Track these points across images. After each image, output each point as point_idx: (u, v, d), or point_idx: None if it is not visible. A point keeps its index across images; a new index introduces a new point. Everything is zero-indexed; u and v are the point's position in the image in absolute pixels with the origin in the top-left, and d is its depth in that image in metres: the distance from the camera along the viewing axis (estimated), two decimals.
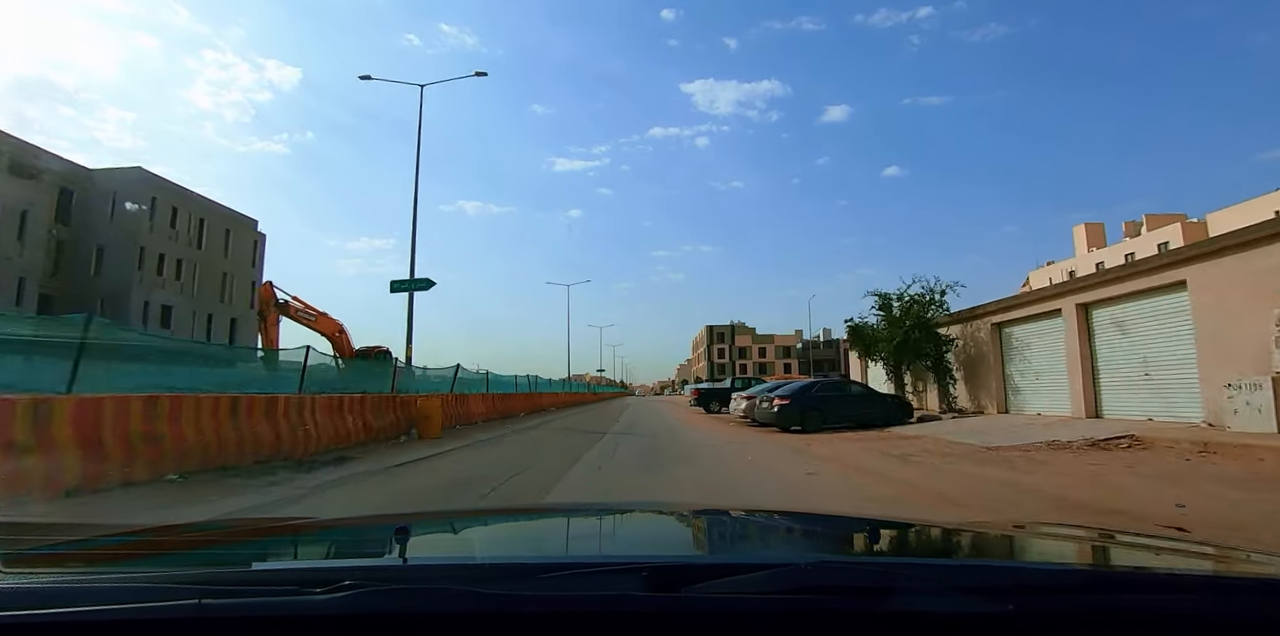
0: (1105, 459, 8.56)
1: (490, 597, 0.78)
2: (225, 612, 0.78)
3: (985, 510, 5.66)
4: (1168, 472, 7.33)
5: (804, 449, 10.98)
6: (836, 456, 9.88)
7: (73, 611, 0.76)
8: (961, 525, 1.67)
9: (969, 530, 1.60)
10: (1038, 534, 1.62)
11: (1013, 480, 7.18)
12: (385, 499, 6.84)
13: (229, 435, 8.07)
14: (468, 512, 2.97)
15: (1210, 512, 5.20)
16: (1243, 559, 1.19)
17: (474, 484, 7.57)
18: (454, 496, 6.96)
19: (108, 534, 1.62)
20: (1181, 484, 6.51)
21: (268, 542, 1.52)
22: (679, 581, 0.82)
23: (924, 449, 10.47)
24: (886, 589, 0.81)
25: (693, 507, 2.38)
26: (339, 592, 0.77)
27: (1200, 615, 0.80)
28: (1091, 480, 7.02)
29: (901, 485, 7.11)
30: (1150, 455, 8.75)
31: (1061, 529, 1.64)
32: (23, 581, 0.89)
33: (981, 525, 1.87)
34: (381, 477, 8.09)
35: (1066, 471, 7.69)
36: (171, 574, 0.99)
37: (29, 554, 1.17)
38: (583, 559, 1.11)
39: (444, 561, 1.16)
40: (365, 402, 11.95)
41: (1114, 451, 9.20)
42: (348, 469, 8.57)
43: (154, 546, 1.43)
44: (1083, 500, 5.92)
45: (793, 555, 1.27)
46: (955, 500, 6.22)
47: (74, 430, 6.07)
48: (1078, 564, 1.25)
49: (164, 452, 7.00)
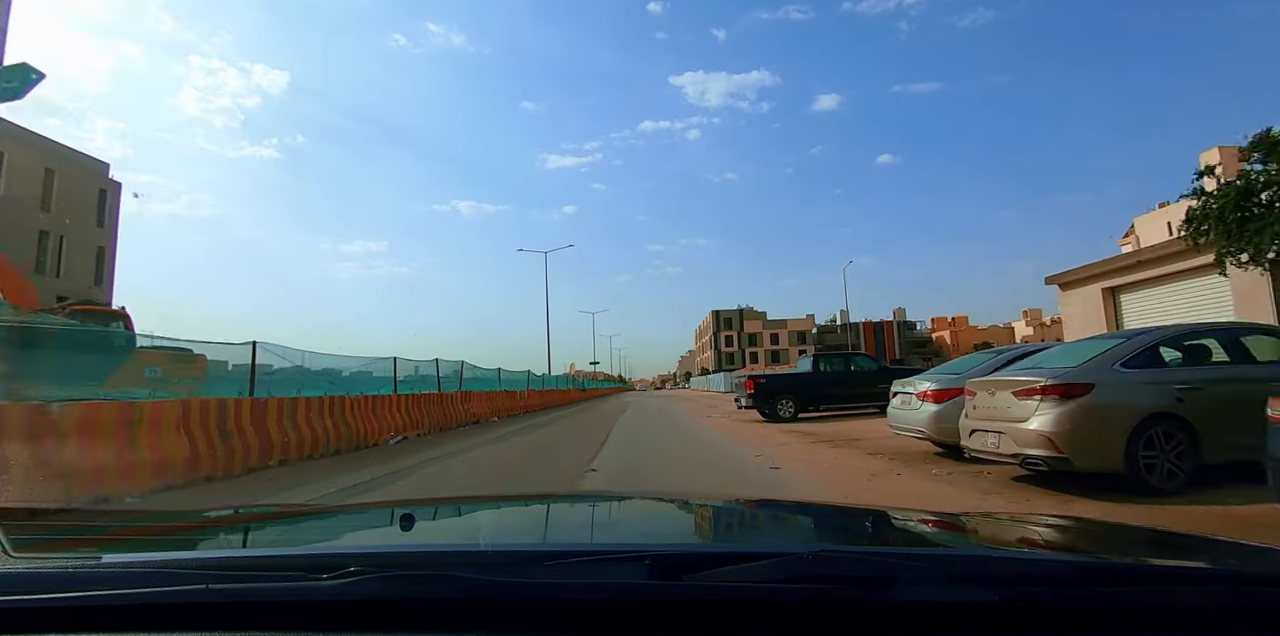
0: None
1: (494, 584, 0.80)
2: (232, 597, 0.79)
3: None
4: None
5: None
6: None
7: (81, 595, 0.78)
8: (963, 515, 1.61)
9: (970, 520, 1.58)
10: (1039, 524, 1.58)
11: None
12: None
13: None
14: (473, 499, 2.91)
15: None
16: (1241, 551, 1.18)
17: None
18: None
19: (115, 519, 1.72)
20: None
21: (274, 528, 1.54)
22: (681, 569, 0.82)
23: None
24: (888, 578, 0.81)
25: (695, 497, 2.45)
26: (344, 578, 0.78)
27: (1198, 606, 0.80)
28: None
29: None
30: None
31: (1063, 520, 1.56)
32: (32, 565, 0.90)
33: (983, 515, 1.88)
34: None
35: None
36: (179, 559, 1.00)
37: (38, 539, 1.17)
38: (586, 547, 1.12)
39: (448, 548, 1.16)
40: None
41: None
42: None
43: (161, 531, 1.45)
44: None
45: (794, 544, 1.28)
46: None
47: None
48: (1078, 555, 1.22)
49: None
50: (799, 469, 7.27)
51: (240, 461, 7.62)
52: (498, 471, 8.42)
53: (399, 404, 12.45)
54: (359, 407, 10.74)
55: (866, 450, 8.43)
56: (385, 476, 7.51)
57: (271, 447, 8.25)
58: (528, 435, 13.56)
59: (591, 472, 7.38)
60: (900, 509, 1.76)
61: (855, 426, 11.83)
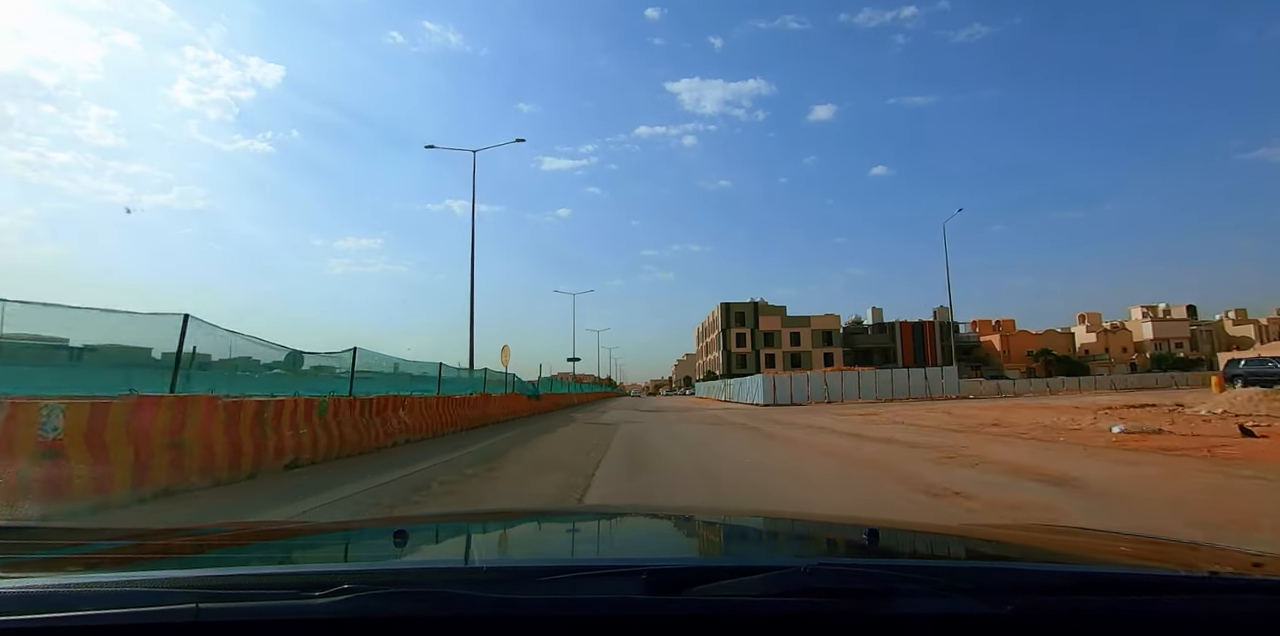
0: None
1: (489, 601, 0.79)
2: (223, 617, 0.78)
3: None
4: None
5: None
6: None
7: (69, 616, 0.77)
8: (959, 527, 1.64)
9: (967, 532, 1.58)
10: (1036, 535, 1.59)
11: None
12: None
13: None
14: (467, 516, 2.89)
15: None
16: (1241, 558, 1.19)
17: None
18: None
19: (104, 538, 1.64)
20: None
21: (265, 546, 1.52)
22: (678, 584, 0.81)
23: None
24: (886, 591, 0.81)
25: (692, 511, 2.54)
26: (337, 596, 0.77)
27: (1198, 615, 0.80)
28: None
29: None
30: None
31: (1059, 530, 1.58)
32: (18, 585, 0.87)
33: (979, 526, 1.88)
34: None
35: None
36: (169, 578, 0.97)
37: (25, 559, 1.17)
38: (582, 562, 1.10)
39: (443, 565, 1.16)
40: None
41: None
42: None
43: (151, 550, 1.43)
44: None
45: (792, 558, 1.27)
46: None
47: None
48: (1076, 565, 1.21)
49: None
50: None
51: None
52: None
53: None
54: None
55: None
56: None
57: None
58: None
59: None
60: (897, 521, 1.71)
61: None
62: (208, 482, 6.72)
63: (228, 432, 7.17)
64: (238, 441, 7.25)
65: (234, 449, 7.17)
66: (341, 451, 9.56)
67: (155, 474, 6.13)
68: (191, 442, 6.61)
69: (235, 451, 7.18)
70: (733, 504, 6.08)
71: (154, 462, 6.13)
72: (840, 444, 11.06)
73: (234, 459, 7.15)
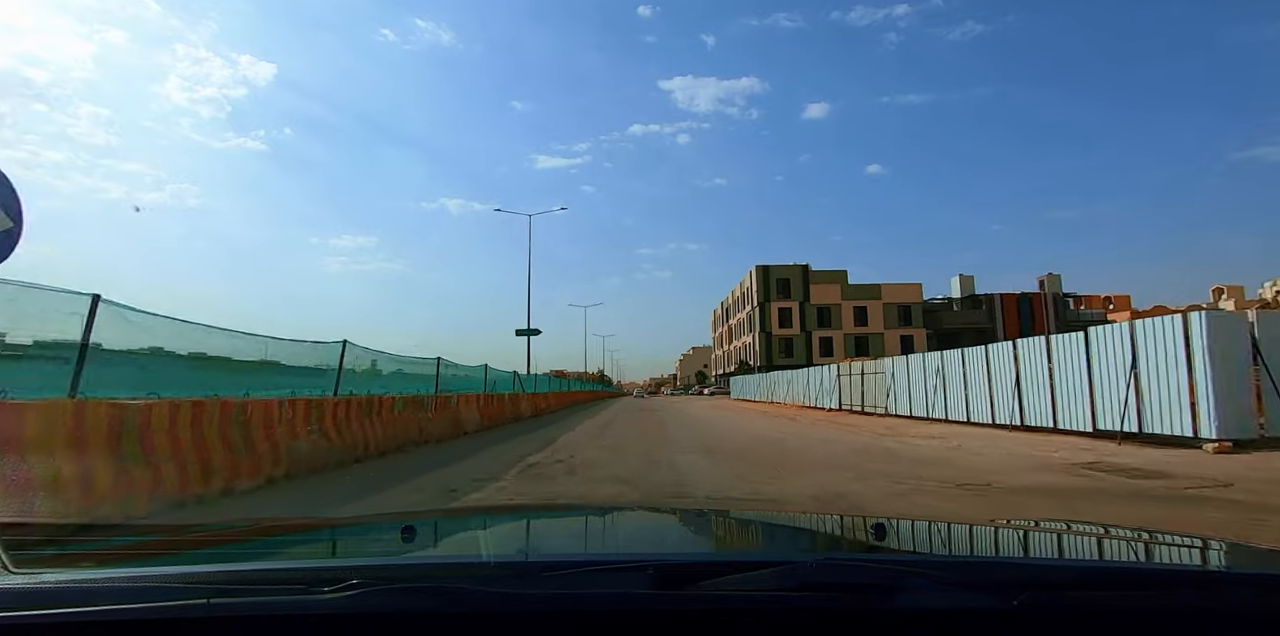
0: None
1: (496, 596, 0.79)
2: (234, 611, 0.79)
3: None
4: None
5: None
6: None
7: (81, 611, 0.77)
8: (966, 521, 1.65)
9: (974, 526, 1.58)
10: (1043, 530, 1.59)
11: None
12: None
13: None
14: (474, 511, 2.93)
15: None
16: (1248, 554, 1.19)
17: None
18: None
19: (116, 534, 1.69)
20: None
21: (276, 542, 1.53)
22: (684, 579, 0.82)
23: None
24: (893, 586, 0.81)
25: (698, 506, 2.52)
26: (347, 591, 0.77)
27: (1205, 611, 0.80)
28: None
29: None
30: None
31: (1066, 525, 1.56)
32: (31, 581, 0.88)
33: (986, 521, 1.86)
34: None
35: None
36: (180, 573, 0.99)
37: (38, 554, 1.17)
38: (588, 557, 1.11)
39: (451, 560, 1.15)
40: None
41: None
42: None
43: (162, 546, 1.44)
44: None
45: (798, 553, 1.28)
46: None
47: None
48: (1083, 560, 1.23)
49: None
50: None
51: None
52: None
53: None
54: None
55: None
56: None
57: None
58: None
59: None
60: (904, 516, 1.76)
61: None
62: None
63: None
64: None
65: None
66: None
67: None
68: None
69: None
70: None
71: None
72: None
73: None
